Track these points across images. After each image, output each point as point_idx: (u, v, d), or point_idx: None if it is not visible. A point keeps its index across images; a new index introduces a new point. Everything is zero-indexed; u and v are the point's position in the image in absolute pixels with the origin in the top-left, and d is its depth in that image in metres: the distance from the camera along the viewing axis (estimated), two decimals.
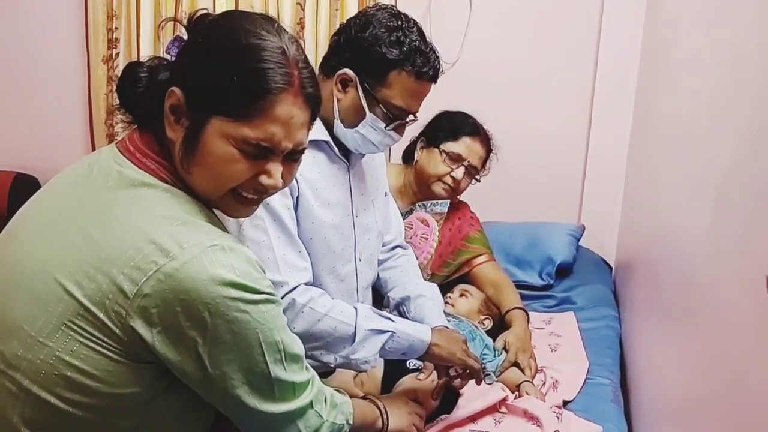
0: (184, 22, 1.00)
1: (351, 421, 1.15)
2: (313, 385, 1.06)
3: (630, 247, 2.31)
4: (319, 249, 1.44)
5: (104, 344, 0.89)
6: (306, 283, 1.37)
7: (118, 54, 2.80)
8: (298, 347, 1.02)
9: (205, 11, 1.01)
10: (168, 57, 1.01)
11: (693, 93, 1.49)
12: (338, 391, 1.18)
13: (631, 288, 2.15)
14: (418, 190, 2.03)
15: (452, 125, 1.99)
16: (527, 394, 1.54)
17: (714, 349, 1.13)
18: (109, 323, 0.88)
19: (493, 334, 1.79)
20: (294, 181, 1.36)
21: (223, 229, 1.01)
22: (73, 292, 0.88)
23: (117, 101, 1.01)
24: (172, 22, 2.06)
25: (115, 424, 0.94)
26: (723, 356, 1.08)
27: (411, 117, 1.45)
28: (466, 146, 1.96)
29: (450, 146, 1.95)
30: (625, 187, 2.56)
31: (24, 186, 2.80)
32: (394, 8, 1.44)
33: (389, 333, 1.35)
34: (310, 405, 1.04)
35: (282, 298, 1.31)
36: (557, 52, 2.60)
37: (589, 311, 2.09)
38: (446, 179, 1.96)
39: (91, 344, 0.89)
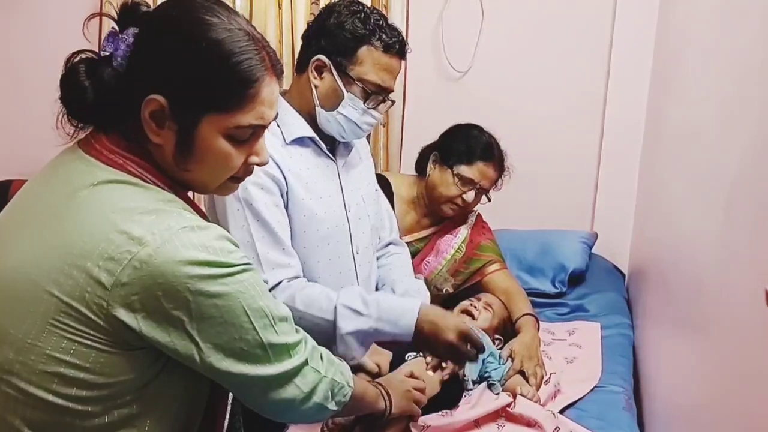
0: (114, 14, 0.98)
1: (352, 385, 1.15)
2: (307, 343, 1.07)
3: (643, 255, 2.30)
4: (313, 241, 1.46)
5: (91, 337, 0.90)
6: (290, 279, 1.39)
7: None
8: (283, 309, 1.03)
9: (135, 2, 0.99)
10: (105, 53, 0.98)
11: (702, 103, 1.50)
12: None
13: (644, 295, 2.14)
14: (428, 203, 2.04)
15: (467, 147, 1.96)
16: (521, 391, 1.53)
17: (726, 356, 1.13)
18: (93, 316, 0.89)
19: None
20: (282, 178, 1.41)
21: (203, 216, 1.03)
22: (52, 290, 0.89)
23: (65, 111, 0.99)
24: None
25: (115, 414, 0.95)
26: (735, 364, 1.08)
27: (389, 100, 1.50)
28: (479, 171, 1.95)
29: (463, 170, 1.94)
30: (637, 195, 2.55)
31: None
32: None
33: (370, 330, 1.38)
34: (306, 362, 1.05)
35: None
36: (569, 60, 2.60)
37: (602, 319, 2.08)
38: (456, 200, 1.96)
39: (78, 339, 0.90)
